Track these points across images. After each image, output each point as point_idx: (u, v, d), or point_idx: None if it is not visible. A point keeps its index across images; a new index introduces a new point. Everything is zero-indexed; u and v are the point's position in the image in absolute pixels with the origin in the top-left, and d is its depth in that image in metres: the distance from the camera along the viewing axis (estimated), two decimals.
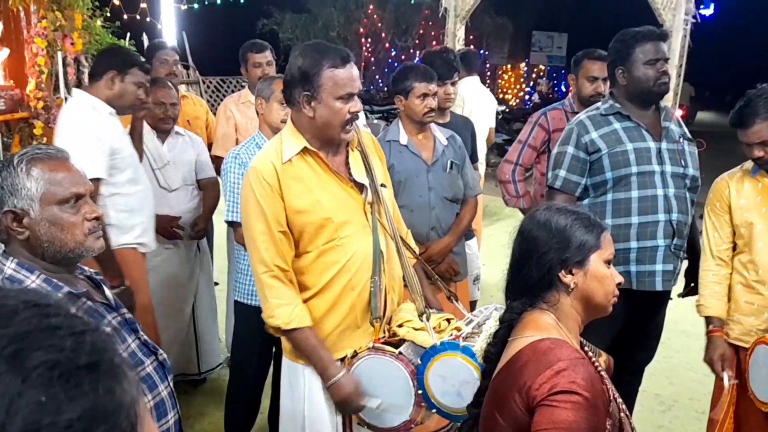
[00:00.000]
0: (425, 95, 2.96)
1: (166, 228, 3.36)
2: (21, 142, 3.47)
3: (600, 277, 1.51)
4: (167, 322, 3.52)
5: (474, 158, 3.63)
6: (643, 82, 2.64)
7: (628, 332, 2.76)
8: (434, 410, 1.95)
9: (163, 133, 3.45)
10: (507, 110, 13.35)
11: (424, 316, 2.04)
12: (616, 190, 2.65)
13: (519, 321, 1.56)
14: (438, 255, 2.99)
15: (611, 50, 2.74)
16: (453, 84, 3.45)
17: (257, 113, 3.10)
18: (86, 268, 1.69)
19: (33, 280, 1.50)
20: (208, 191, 3.60)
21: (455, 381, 1.88)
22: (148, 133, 3.42)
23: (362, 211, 2.08)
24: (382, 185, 2.17)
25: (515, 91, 21.80)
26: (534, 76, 22.05)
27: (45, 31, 3.50)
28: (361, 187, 2.09)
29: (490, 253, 4.71)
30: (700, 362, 2.70)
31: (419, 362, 1.95)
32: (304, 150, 2.02)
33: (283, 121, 2.84)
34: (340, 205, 2.04)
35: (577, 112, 3.42)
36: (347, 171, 2.09)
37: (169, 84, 3.43)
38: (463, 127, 3.58)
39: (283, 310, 1.99)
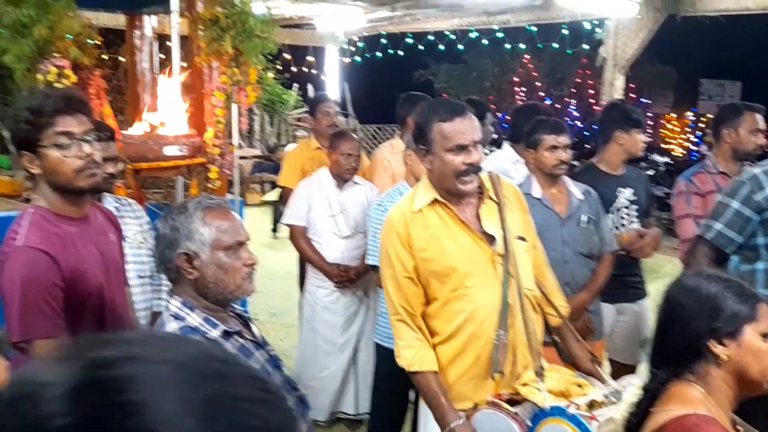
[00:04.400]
0: (555, 147, 2.94)
1: (337, 276, 3.63)
2: (198, 185, 3.86)
3: (755, 350, 1.40)
4: (328, 359, 3.72)
5: (648, 213, 3.48)
6: None
7: None
8: None
9: (342, 182, 3.70)
10: (671, 161, 12.59)
11: (540, 375, 2.00)
12: None
13: (663, 391, 1.47)
14: (572, 312, 2.89)
15: None
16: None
17: (405, 164, 3.23)
18: (236, 306, 1.85)
19: (194, 318, 1.66)
20: None
21: None
22: (328, 181, 3.71)
23: (491, 263, 2.09)
24: (521, 238, 2.17)
25: (680, 141, 20.55)
26: (702, 125, 20.70)
27: (224, 85, 3.90)
28: (492, 239, 2.10)
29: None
30: None
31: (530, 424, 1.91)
32: (435, 201, 2.10)
33: None
34: (467, 255, 2.08)
35: (723, 173, 3.20)
36: (478, 222, 2.12)
37: (354, 136, 3.74)
38: (636, 179, 3.48)
39: (407, 351, 2.10)
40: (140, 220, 2.53)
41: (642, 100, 18.57)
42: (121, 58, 9.43)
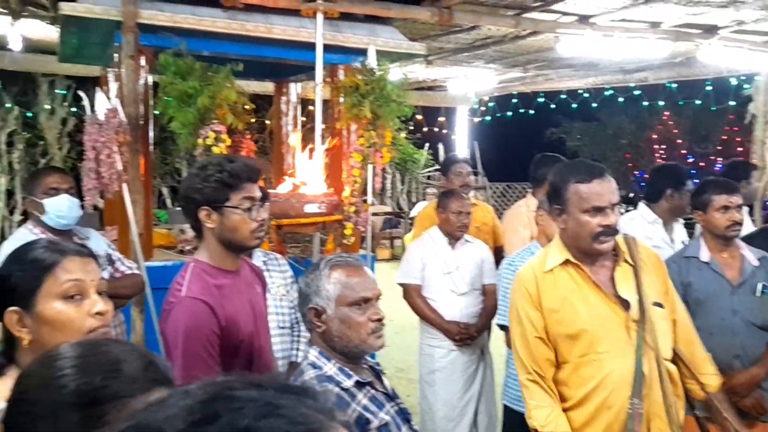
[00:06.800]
0: (727, 208, 2.79)
1: (458, 333, 3.61)
2: (334, 240, 4.06)
3: None
4: (449, 425, 3.61)
5: None
6: None
7: None
8: None
9: (454, 240, 3.75)
10: None
11: None
12: None
13: None
14: (742, 387, 2.67)
15: None
16: None
17: (536, 223, 3.23)
18: (369, 358, 1.91)
19: (330, 367, 1.75)
20: (489, 297, 3.75)
21: None
22: (440, 239, 3.76)
23: (624, 328, 2.03)
24: (657, 304, 2.08)
25: None
26: None
27: (362, 147, 4.11)
28: (626, 304, 2.04)
29: None
30: None
31: None
32: (567, 262, 2.08)
33: None
34: (599, 319, 2.03)
35: None
36: (612, 285, 2.08)
37: (464, 195, 3.78)
38: None
39: (539, 411, 2.05)
40: (285, 274, 2.71)
41: None
42: (267, 121, 10.22)
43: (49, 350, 0.99)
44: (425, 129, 12.90)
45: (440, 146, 14.06)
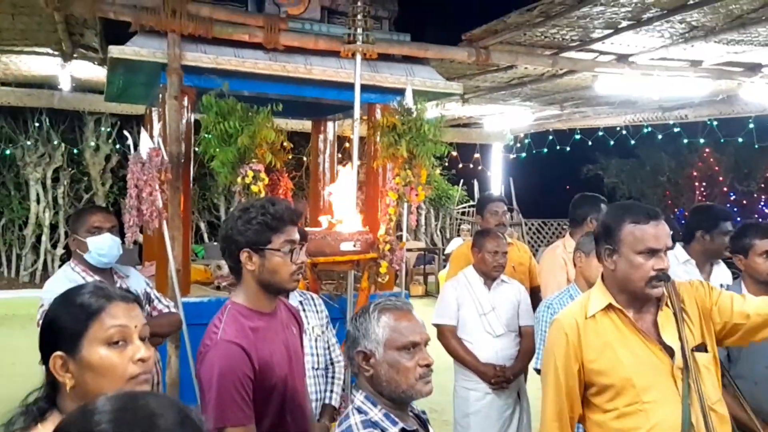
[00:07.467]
0: None
1: (494, 376, 3.54)
2: (369, 278, 4.05)
3: None
4: None
5: None
6: None
7: None
8: None
9: (490, 280, 3.70)
10: None
11: None
12: None
13: None
14: None
15: None
16: None
17: (575, 265, 3.17)
18: (415, 406, 1.88)
19: (375, 413, 1.72)
20: (526, 339, 3.67)
21: None
22: (476, 280, 3.71)
23: (670, 376, 1.96)
24: (701, 347, 2.00)
25: None
26: None
27: (397, 186, 4.12)
28: (670, 350, 1.98)
29: None
30: None
31: None
32: (610, 307, 2.03)
33: None
34: (644, 367, 1.96)
35: None
36: (655, 331, 2.01)
37: (501, 235, 3.73)
38: None
39: None
40: (320, 314, 2.71)
41: None
42: (304, 158, 10.37)
43: (87, 403, 0.99)
44: (460, 165, 12.89)
45: (475, 182, 14.03)
